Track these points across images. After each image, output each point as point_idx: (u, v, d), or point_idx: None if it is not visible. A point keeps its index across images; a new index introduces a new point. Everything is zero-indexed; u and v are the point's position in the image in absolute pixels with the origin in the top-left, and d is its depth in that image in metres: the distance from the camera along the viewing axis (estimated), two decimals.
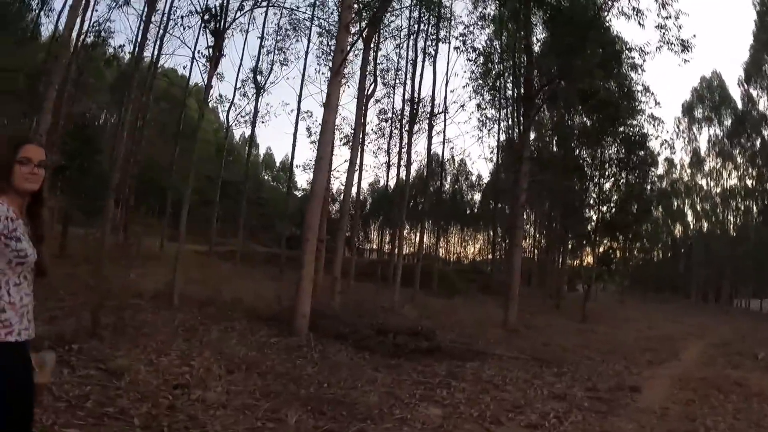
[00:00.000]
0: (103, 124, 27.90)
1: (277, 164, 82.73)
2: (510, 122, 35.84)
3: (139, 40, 21.22)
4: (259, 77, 30.01)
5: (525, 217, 31.71)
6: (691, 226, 66.83)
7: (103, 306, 8.74)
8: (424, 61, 27.91)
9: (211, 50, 15.01)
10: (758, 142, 56.36)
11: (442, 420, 6.36)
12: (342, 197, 20.22)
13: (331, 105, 12.13)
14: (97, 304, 8.51)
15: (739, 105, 59.57)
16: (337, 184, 28.00)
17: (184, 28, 20.82)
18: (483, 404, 7.23)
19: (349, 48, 13.75)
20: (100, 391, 5.76)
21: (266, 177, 77.41)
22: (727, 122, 60.77)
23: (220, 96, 37.67)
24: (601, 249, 32.53)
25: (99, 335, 7.73)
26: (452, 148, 59.64)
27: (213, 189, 32.04)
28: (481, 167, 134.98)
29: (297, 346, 10.18)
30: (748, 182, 59.42)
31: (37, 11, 23.74)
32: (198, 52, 20.11)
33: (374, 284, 28.07)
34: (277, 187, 71.84)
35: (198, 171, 44.93)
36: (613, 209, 30.49)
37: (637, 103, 30.19)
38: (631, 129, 30.31)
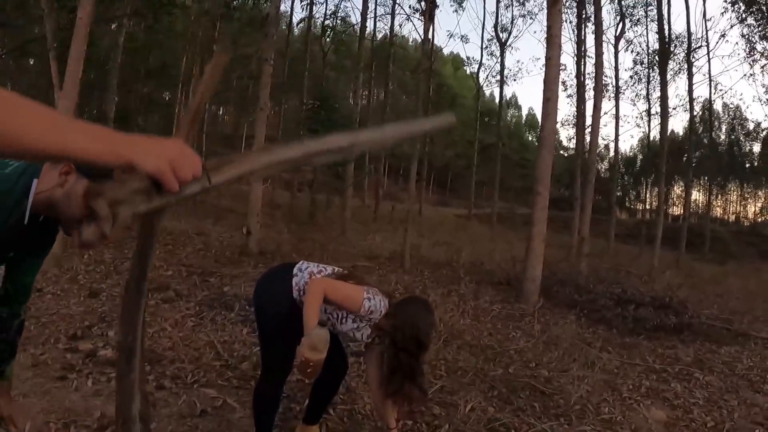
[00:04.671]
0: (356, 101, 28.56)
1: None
2: None
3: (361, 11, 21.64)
4: (503, 34, 29.09)
5: None
6: None
7: None
8: None
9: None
10: None
11: (662, 428, 4.96)
12: (589, 146, 18.69)
13: (553, 40, 10.77)
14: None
15: None
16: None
17: None
18: (726, 410, 5.64)
19: None
20: None
21: (530, 138, 75.58)
22: None
23: (468, 58, 37.47)
24: None
25: None
26: (720, 89, 54.51)
27: (472, 152, 31.80)
28: (758, 113, 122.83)
29: (519, 315, 9.13)
30: None
31: None
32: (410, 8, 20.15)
33: (638, 247, 26.07)
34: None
35: (459, 136, 45.34)
36: None
37: None
38: None
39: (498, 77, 31.08)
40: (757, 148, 54.85)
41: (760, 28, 26.96)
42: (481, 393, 5.14)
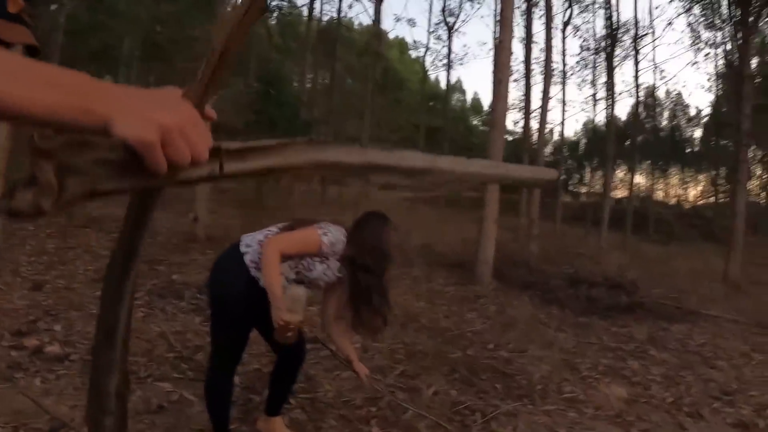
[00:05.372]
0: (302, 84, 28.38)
1: (486, 108, 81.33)
2: (729, 47, 32.18)
3: None
4: (450, 18, 29.20)
5: (751, 154, 28.15)
6: None
7: None
8: None
9: None
10: None
11: (623, 404, 4.95)
12: (537, 130, 18.95)
13: (505, 23, 10.75)
14: None
15: None
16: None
17: None
18: (683, 385, 5.67)
19: None
20: None
21: (476, 122, 75.99)
22: None
23: (415, 42, 37.63)
24: None
25: None
26: (664, 77, 55.75)
27: (418, 136, 31.89)
28: (700, 100, 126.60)
29: (474, 297, 9.10)
30: None
31: None
32: None
33: (584, 229, 26.46)
34: (487, 131, 70.51)
35: (405, 120, 45.38)
36: None
37: None
38: None
39: (445, 61, 31.15)
40: (698, 133, 56.43)
41: (704, 18, 27.62)
42: (442, 376, 5.07)
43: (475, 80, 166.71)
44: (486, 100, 79.25)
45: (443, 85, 57.71)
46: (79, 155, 0.76)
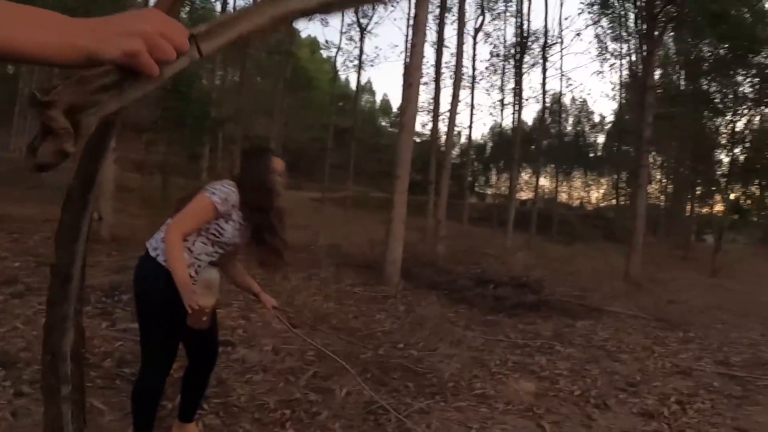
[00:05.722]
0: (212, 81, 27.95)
1: (395, 110, 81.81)
2: (633, 58, 33.60)
3: None
4: (363, 20, 29.32)
5: (651, 160, 29.40)
6: None
7: None
8: None
9: None
10: None
11: (532, 399, 5.07)
12: (446, 133, 19.26)
13: (419, 27, 10.90)
14: None
15: None
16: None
17: None
18: (589, 378, 5.88)
19: None
20: (132, 347, 5.00)
21: (384, 123, 76.34)
22: None
23: (327, 42, 37.50)
24: (733, 196, 29.59)
25: None
26: (571, 85, 57.62)
27: (327, 136, 31.82)
28: (604, 108, 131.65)
29: (382, 297, 9.13)
30: None
31: None
32: None
33: (490, 229, 26.95)
34: (396, 133, 70.83)
35: (314, 120, 45.21)
36: (748, 151, 27.44)
37: None
38: None
39: (356, 62, 31.18)
40: (601, 139, 58.83)
41: (612, 30, 28.75)
42: (359, 375, 5.07)
43: (385, 82, 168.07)
44: (395, 102, 79.79)
45: (353, 85, 57.91)
46: (80, 93, 0.79)
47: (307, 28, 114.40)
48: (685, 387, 5.93)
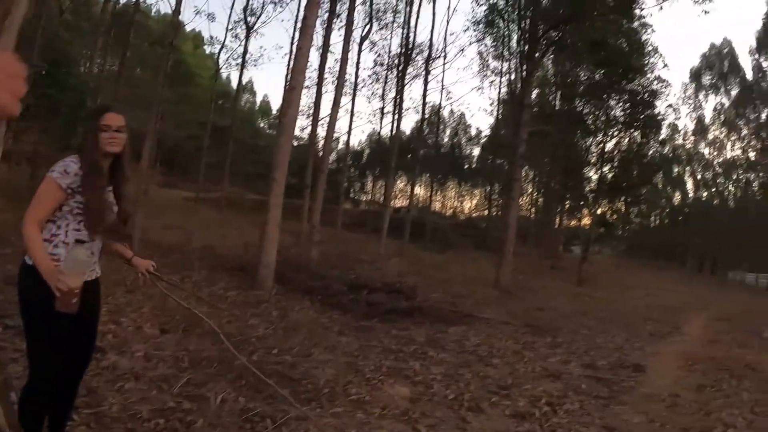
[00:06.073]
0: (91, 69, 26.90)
1: (275, 112, 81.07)
2: (513, 77, 34.87)
3: None
4: (250, 18, 28.91)
5: (524, 174, 30.56)
6: (690, 195, 65.30)
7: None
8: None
9: None
10: (765, 114, 55.30)
11: (408, 403, 5.09)
12: (325, 138, 19.33)
13: (306, 30, 10.86)
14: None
15: (749, 75, 58.45)
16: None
17: None
18: (462, 382, 5.98)
19: None
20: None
21: (263, 125, 75.53)
22: (735, 92, 59.36)
23: (211, 38, 36.72)
24: (599, 211, 31.22)
25: None
26: (450, 98, 59.13)
27: (204, 134, 31.12)
28: (481, 122, 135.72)
29: (256, 301, 9.01)
30: (751, 155, 57.74)
31: None
32: None
33: (365, 235, 27.10)
34: (274, 135, 70.06)
35: (192, 116, 44.15)
36: (615, 169, 29.03)
37: (646, 59, 28.51)
38: (641, 87, 28.58)
39: (239, 61, 30.61)
40: (476, 152, 60.89)
41: (494, 49, 29.66)
42: (229, 383, 4.92)
43: (266, 82, 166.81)
44: (275, 103, 79.16)
45: (234, 84, 56.98)
46: None
47: (192, 21, 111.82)
48: (555, 389, 6.14)
